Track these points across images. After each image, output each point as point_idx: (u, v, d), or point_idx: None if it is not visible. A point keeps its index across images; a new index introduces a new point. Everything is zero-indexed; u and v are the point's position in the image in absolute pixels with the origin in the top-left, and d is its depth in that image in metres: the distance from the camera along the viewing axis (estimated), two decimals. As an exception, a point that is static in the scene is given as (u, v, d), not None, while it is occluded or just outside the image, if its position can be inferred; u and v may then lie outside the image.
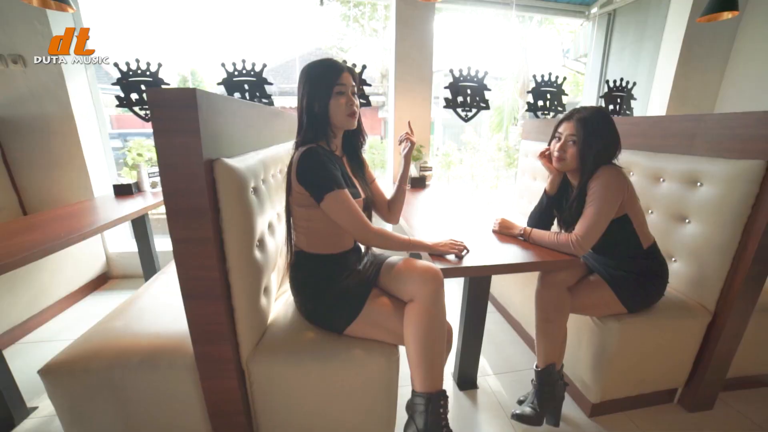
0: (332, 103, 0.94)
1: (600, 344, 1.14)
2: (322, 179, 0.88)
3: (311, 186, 0.90)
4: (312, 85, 0.93)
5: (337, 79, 0.93)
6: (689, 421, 1.24)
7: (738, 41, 2.44)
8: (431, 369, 0.86)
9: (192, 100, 0.67)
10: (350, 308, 0.97)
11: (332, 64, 0.94)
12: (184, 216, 0.74)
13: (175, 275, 1.35)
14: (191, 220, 0.74)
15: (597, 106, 1.09)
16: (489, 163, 5.59)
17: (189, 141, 0.69)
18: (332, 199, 0.88)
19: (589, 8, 3.64)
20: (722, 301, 1.16)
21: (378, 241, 0.96)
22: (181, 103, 0.67)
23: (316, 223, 0.96)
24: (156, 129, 0.68)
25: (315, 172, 0.89)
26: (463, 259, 1.03)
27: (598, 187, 1.02)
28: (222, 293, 0.81)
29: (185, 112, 0.67)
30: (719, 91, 2.51)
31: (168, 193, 0.72)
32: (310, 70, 0.94)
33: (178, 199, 0.73)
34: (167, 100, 0.67)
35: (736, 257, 1.11)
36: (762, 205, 1.06)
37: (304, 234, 0.99)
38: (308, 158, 0.88)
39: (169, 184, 0.72)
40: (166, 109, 0.67)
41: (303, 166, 0.89)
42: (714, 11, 1.93)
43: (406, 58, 2.29)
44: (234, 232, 0.82)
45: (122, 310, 1.11)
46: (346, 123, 0.97)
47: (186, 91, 0.66)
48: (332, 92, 0.93)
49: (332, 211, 0.90)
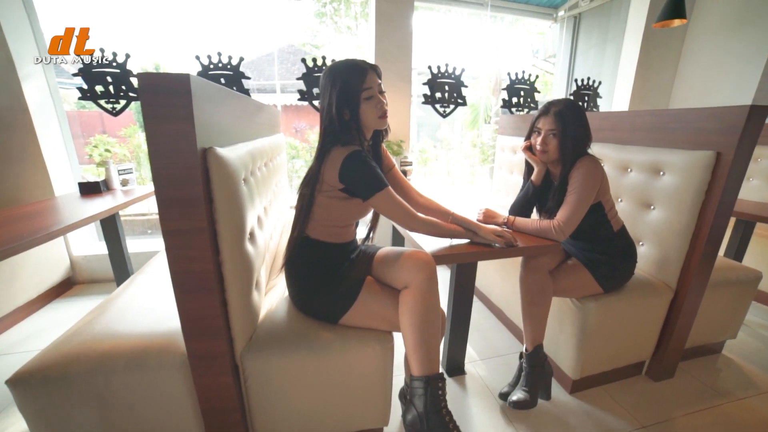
0: (363, 109, 0.95)
1: (580, 324, 1.22)
2: (372, 181, 0.93)
3: (359, 186, 0.94)
4: (340, 93, 0.92)
5: (363, 83, 0.93)
6: (655, 389, 1.35)
7: (685, 46, 2.68)
8: (428, 352, 0.89)
9: (186, 85, 0.65)
10: (345, 297, 0.97)
11: (356, 67, 0.93)
12: (177, 206, 0.71)
13: (155, 275, 1.31)
14: (185, 210, 0.72)
15: (567, 98, 1.16)
16: (464, 160, 5.75)
17: (183, 128, 0.67)
18: (381, 198, 0.94)
19: (557, 11, 3.83)
20: (682, 279, 1.27)
21: (427, 229, 1.01)
22: (175, 89, 0.64)
23: (332, 213, 0.98)
24: (147, 115, 0.65)
25: (363, 174, 0.92)
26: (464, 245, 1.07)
27: (579, 176, 1.09)
28: (216, 286, 0.79)
29: (179, 98, 0.65)
30: (672, 90, 2.74)
31: (159, 182, 0.69)
32: (334, 77, 0.94)
33: (170, 188, 0.70)
34: (160, 86, 0.64)
35: (693, 239, 1.23)
36: (713, 192, 1.17)
37: (316, 221, 0.99)
38: (355, 161, 0.91)
39: (160, 172, 0.69)
40: (159, 95, 0.65)
41: (350, 167, 0.91)
42: (666, 18, 2.10)
43: (386, 54, 2.31)
44: (227, 223, 0.80)
45: (100, 312, 1.05)
46: (378, 124, 0.98)
47: (180, 77, 0.64)
48: (360, 98, 0.93)
49: (382, 207, 0.96)
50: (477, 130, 6.00)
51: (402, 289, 0.96)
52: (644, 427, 1.18)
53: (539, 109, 1.18)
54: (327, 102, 0.94)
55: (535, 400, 1.13)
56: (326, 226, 1.00)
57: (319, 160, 0.95)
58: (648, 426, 1.19)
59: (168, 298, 1.08)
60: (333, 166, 0.92)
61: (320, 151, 0.96)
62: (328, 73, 0.95)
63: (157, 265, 1.39)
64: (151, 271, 1.34)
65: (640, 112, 1.41)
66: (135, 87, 1.86)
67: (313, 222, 0.99)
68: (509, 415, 1.22)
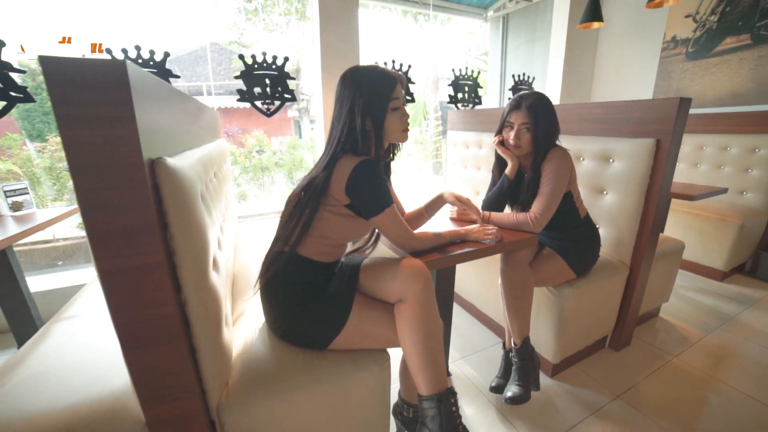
0: (388, 120, 0.87)
1: (557, 311, 1.26)
2: (380, 196, 0.86)
3: (365, 201, 0.85)
4: (367, 101, 0.84)
5: (392, 92, 0.86)
6: (619, 359, 1.48)
7: (599, 46, 3.01)
8: (435, 368, 0.83)
9: (123, 75, 0.48)
10: (335, 319, 0.86)
11: (385, 74, 0.87)
12: (117, 238, 0.53)
13: (78, 319, 1.03)
14: (130, 243, 0.54)
15: (537, 91, 1.18)
16: (408, 156, 5.84)
17: (121, 134, 0.50)
18: (386, 216, 0.88)
19: (486, 11, 4.06)
20: (635, 255, 1.40)
21: (422, 246, 0.96)
22: (108, 80, 0.47)
23: (331, 230, 0.88)
24: (64, 117, 0.47)
25: (372, 188, 0.85)
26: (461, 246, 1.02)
27: (552, 168, 1.12)
28: (180, 333, 0.62)
29: (114, 94, 0.48)
30: (591, 85, 3.06)
31: (90, 209, 0.51)
32: (359, 83, 0.85)
33: (106, 215, 0.52)
34: (81, 76, 0.46)
35: (642, 219, 1.36)
36: (656, 175, 1.30)
37: (311, 236, 0.88)
38: (366, 172, 0.82)
39: (89, 195, 0.51)
40: (82, 89, 0.47)
41: (359, 179, 0.82)
42: (587, 21, 2.33)
43: (332, 50, 2.18)
44: (187, 252, 0.64)
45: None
46: (400, 138, 0.93)
47: (113, 64, 0.47)
48: (388, 108, 0.87)
49: (384, 226, 0.90)
50: (418, 127, 6.13)
51: (396, 302, 0.88)
52: (618, 397, 1.27)
53: (509, 103, 1.19)
54: (347, 109, 0.85)
55: (529, 393, 1.14)
56: (321, 243, 0.88)
57: (327, 169, 0.84)
58: (621, 394, 1.28)
59: (104, 348, 0.86)
60: (341, 176, 0.83)
61: (330, 159, 0.85)
62: (350, 78, 0.86)
63: (81, 306, 1.11)
64: (72, 316, 1.06)
65: (587, 104, 1.51)
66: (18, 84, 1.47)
67: (308, 237, 0.87)
68: (502, 410, 1.22)
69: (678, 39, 2.50)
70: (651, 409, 1.21)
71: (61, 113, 0.47)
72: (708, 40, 2.38)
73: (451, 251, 1.01)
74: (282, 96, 2.02)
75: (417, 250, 0.97)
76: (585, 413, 1.21)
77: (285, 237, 0.88)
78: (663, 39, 2.58)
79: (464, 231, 1.06)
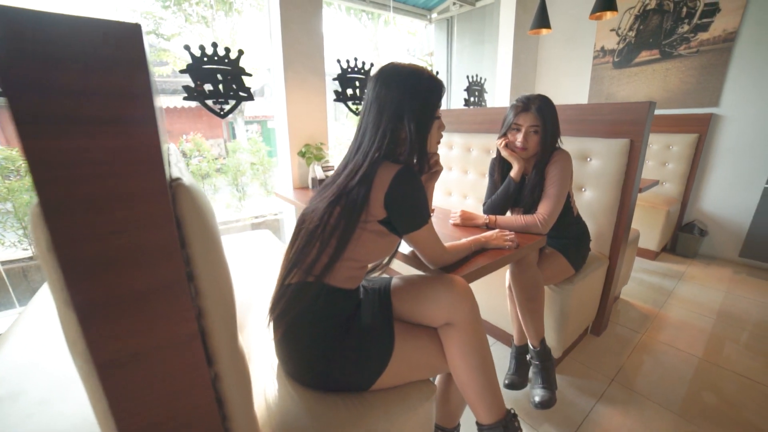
0: (433, 129, 0.82)
1: (560, 307, 1.29)
2: (421, 209, 0.78)
3: (405, 214, 0.74)
4: (416, 106, 0.76)
5: (440, 99, 0.81)
6: (602, 344, 1.59)
7: (540, 51, 3.27)
8: (494, 393, 0.76)
9: (139, 48, 0.31)
10: (377, 355, 0.74)
11: (435, 80, 0.80)
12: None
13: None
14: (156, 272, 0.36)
15: (540, 94, 1.19)
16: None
17: (139, 131, 0.32)
18: (426, 231, 0.80)
19: (430, 12, 4.14)
20: (613, 247, 1.51)
21: (453, 259, 0.91)
22: (117, 56, 0.30)
23: (361, 251, 0.75)
24: (23, 115, 0.28)
25: (413, 200, 0.75)
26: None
27: (557, 170, 1.13)
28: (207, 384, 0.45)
29: (126, 73, 0.30)
30: (535, 88, 3.31)
31: (78, 275, 0.32)
32: (408, 84, 0.75)
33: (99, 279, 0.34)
34: (73, 51, 0.28)
35: (618, 213, 1.47)
36: (630, 172, 1.41)
37: (342, 260, 0.74)
38: (409, 182, 0.72)
39: (76, 259, 0.32)
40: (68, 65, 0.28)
41: (400, 189, 0.71)
42: (536, 28, 2.49)
43: (296, 45, 1.97)
44: (217, 309, 0.46)
45: None
46: (435, 149, 0.88)
47: (123, 27, 0.30)
48: (435, 115, 0.81)
49: (421, 242, 0.82)
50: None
51: (442, 326, 0.79)
52: (613, 381, 1.36)
53: (515, 105, 1.17)
54: (391, 113, 0.75)
55: (555, 394, 1.15)
56: (348, 267, 0.75)
57: (366, 181, 0.71)
58: (614, 378, 1.37)
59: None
60: (380, 187, 0.71)
61: (368, 169, 0.72)
62: (394, 79, 0.75)
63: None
64: None
65: (562, 106, 1.58)
66: None
67: (338, 262, 0.73)
68: (519, 409, 1.21)
69: (606, 49, 2.83)
70: (643, 388, 1.32)
71: (19, 110, 0.28)
72: (629, 52, 2.73)
73: (478, 262, 0.96)
74: (237, 94, 1.78)
75: (447, 264, 0.89)
76: (591, 401, 1.26)
77: (307, 265, 0.73)
78: (594, 48, 2.90)
79: (484, 239, 1.02)
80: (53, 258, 0.32)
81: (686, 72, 2.50)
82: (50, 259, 0.32)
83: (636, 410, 1.22)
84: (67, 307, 0.34)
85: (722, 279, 2.25)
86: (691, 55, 2.46)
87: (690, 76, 2.48)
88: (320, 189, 0.82)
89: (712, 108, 2.44)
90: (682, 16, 2.47)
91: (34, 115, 0.29)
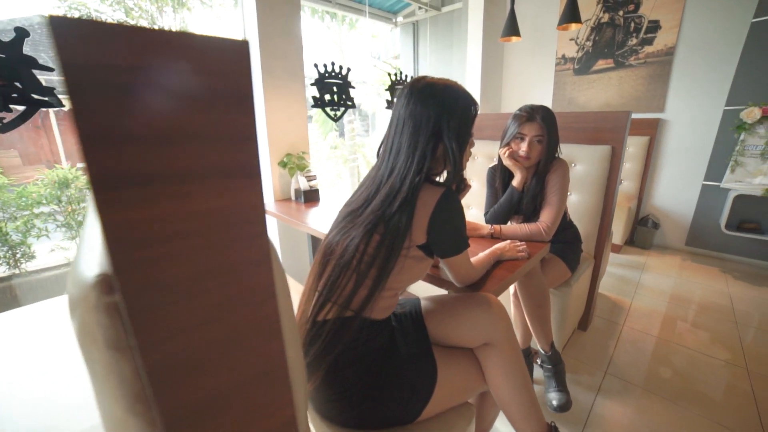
0: (467, 148, 0.79)
1: (560, 309, 1.35)
2: (462, 233, 0.75)
3: (446, 239, 0.71)
4: (456, 124, 0.73)
5: (476, 116, 0.79)
6: (590, 338, 1.69)
7: (505, 58, 3.41)
8: (537, 410, 0.76)
9: (246, 73, 0.25)
10: (422, 386, 0.71)
11: (469, 96, 0.77)
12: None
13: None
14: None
15: (542, 105, 1.21)
16: (326, 161, 5.60)
17: (245, 186, 0.27)
18: (465, 255, 0.79)
19: (396, 16, 4.15)
20: (597, 247, 1.62)
21: (479, 275, 0.89)
22: (221, 87, 0.24)
23: (398, 278, 0.72)
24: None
25: (455, 224, 0.71)
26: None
27: (558, 178, 1.17)
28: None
29: (230, 112, 0.25)
30: (501, 93, 3.45)
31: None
32: (446, 101, 0.72)
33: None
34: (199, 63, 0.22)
35: (602, 216, 1.57)
36: (612, 177, 1.52)
37: (379, 292, 0.70)
38: (452, 205, 0.69)
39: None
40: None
41: (447, 212, 0.67)
42: (507, 35, 2.59)
43: (273, 47, 1.85)
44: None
45: None
46: (465, 167, 0.84)
47: (235, 45, 0.24)
48: (471, 132, 0.78)
49: (457, 266, 0.79)
50: (333, 132, 5.92)
51: (480, 346, 0.78)
52: (607, 373, 1.45)
53: (519, 115, 1.19)
54: (430, 131, 0.70)
55: (570, 396, 1.18)
56: (385, 297, 0.71)
57: (408, 208, 0.66)
58: (606, 370, 1.47)
59: None
60: (423, 211, 0.68)
61: (409, 193, 0.68)
62: (431, 94, 0.71)
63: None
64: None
65: (546, 115, 1.66)
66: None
67: (378, 293, 0.68)
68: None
69: (567, 57, 3.03)
70: (633, 377, 1.42)
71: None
72: (587, 60, 2.94)
73: (500, 275, 0.96)
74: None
75: (474, 281, 0.88)
76: (591, 395, 1.33)
77: (344, 299, 0.68)
78: (556, 56, 3.08)
79: (499, 251, 1.02)
80: (122, 358, 0.25)
81: (637, 80, 2.75)
82: (120, 359, 0.25)
83: (632, 399, 1.31)
84: (134, 417, 0.27)
85: (673, 266, 2.51)
86: (640, 65, 2.71)
87: (640, 84, 2.74)
88: (343, 216, 0.77)
89: (659, 113, 2.71)
90: (630, 30, 2.71)
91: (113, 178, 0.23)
